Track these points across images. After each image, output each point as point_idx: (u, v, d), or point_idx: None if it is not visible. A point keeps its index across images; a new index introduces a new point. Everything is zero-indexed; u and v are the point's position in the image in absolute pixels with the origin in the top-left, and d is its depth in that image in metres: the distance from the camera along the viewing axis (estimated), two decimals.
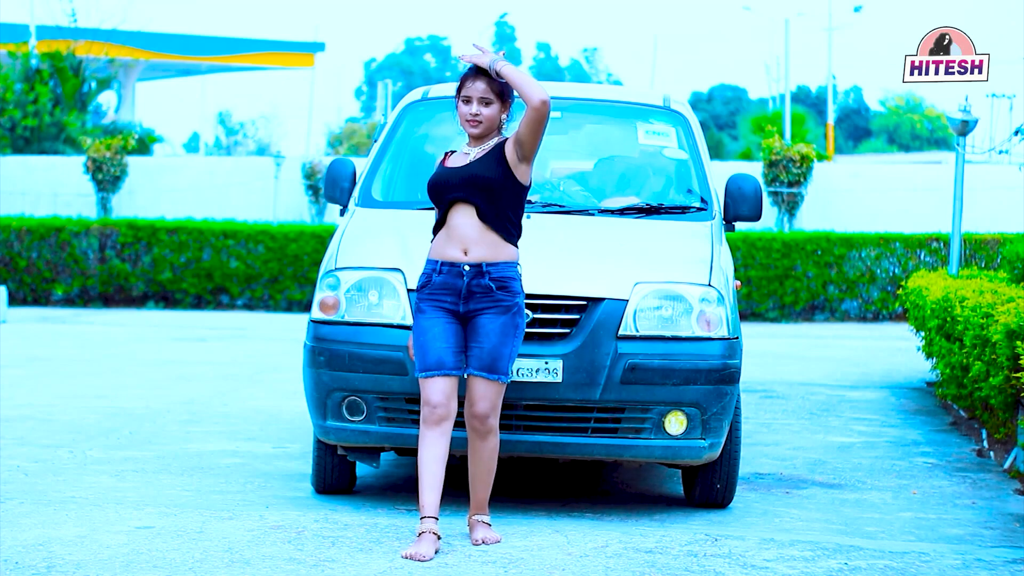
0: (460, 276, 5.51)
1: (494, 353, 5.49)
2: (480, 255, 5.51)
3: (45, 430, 8.43)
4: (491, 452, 5.58)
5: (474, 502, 5.64)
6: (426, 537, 5.34)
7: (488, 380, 5.49)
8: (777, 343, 16.11)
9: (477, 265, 5.50)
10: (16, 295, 20.49)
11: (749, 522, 6.18)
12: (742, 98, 71.22)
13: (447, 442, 5.45)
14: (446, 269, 5.52)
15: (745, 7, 53.16)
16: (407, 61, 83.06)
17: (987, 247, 18.84)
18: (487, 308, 5.51)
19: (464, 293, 5.51)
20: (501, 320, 5.50)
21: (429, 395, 5.46)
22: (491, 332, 5.49)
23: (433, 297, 5.54)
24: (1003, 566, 5.43)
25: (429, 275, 5.57)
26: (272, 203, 25.68)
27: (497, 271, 5.51)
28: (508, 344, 5.51)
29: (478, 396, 5.51)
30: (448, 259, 5.53)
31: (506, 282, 5.51)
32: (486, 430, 5.54)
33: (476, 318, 5.52)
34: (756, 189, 6.92)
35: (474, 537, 5.58)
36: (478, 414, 5.52)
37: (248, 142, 63.11)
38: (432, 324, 5.53)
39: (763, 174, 22.55)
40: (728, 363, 6.06)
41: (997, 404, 7.64)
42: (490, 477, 5.61)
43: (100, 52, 35.71)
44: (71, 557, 5.18)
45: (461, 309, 5.53)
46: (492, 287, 5.50)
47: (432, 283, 5.55)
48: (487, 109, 5.57)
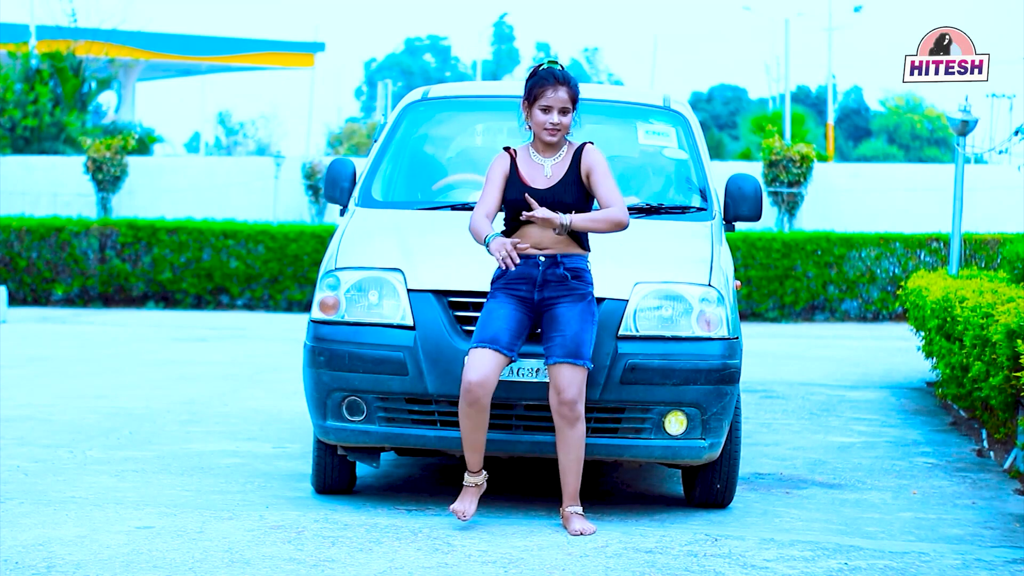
0: (536, 266, 5.70)
1: (577, 339, 5.64)
2: (555, 250, 5.72)
3: (45, 430, 8.43)
4: (579, 440, 5.70)
5: (566, 494, 5.76)
6: (470, 491, 5.77)
7: (575, 366, 5.63)
8: (777, 343, 16.11)
9: (552, 256, 5.70)
10: (16, 295, 20.50)
11: (749, 522, 6.18)
12: (742, 98, 71.23)
13: (486, 414, 5.65)
14: (522, 260, 5.67)
15: (745, 7, 53.21)
16: (407, 61, 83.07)
17: (987, 247, 18.85)
18: (563, 296, 5.70)
19: (540, 281, 5.69)
20: (579, 307, 5.69)
21: (468, 369, 5.61)
22: (572, 319, 5.66)
23: (508, 287, 5.72)
24: (1003, 566, 5.43)
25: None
26: (272, 203, 25.69)
27: (571, 262, 5.72)
28: (588, 330, 5.68)
29: (566, 382, 5.63)
30: (524, 254, 5.68)
31: (580, 272, 5.73)
32: (575, 416, 5.66)
33: (553, 308, 5.70)
34: (756, 189, 6.92)
35: (571, 529, 5.72)
36: (567, 400, 5.64)
37: (248, 142, 63.15)
38: (499, 307, 5.69)
39: (763, 174, 22.57)
40: (728, 363, 6.06)
41: (997, 404, 7.64)
42: (580, 466, 5.74)
43: (100, 52, 35.75)
44: (71, 557, 5.18)
45: (536, 297, 5.70)
46: (567, 276, 5.70)
47: (508, 274, 5.69)
48: (565, 118, 5.75)
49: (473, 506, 5.77)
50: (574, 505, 5.77)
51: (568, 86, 5.74)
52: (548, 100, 5.71)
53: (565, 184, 5.75)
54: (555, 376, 5.67)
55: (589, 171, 5.76)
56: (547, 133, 5.74)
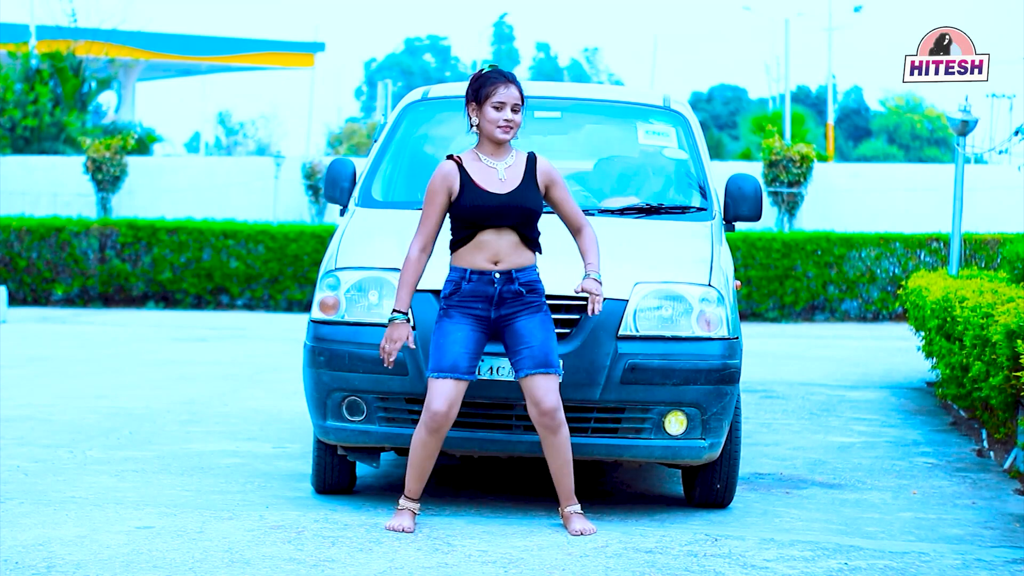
0: (491, 283, 5.67)
1: (544, 348, 5.65)
2: (510, 264, 5.69)
3: (45, 430, 8.43)
4: (565, 443, 5.71)
5: (562, 494, 5.77)
6: (406, 512, 5.73)
7: (547, 375, 5.63)
8: (777, 343, 16.11)
9: (507, 272, 5.68)
10: (16, 295, 20.50)
11: (749, 522, 6.18)
12: (742, 98, 71.22)
13: (440, 441, 5.68)
14: (475, 277, 5.67)
15: (745, 7, 53.20)
16: (407, 61, 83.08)
17: (987, 247, 18.85)
18: (520, 311, 5.69)
19: (496, 300, 5.67)
20: (538, 318, 5.70)
21: (432, 400, 5.59)
22: (535, 330, 5.67)
23: (463, 304, 5.68)
24: (1003, 566, 5.43)
25: (457, 283, 5.69)
26: (272, 203, 25.69)
27: (524, 276, 5.71)
28: (552, 339, 5.70)
29: (543, 392, 5.64)
30: (477, 268, 5.67)
31: (533, 285, 5.73)
32: (556, 424, 5.67)
33: (513, 323, 5.68)
34: (756, 189, 6.92)
35: (571, 529, 5.73)
36: (547, 410, 5.64)
37: (248, 142, 63.14)
38: (455, 328, 5.66)
39: (763, 174, 22.57)
40: (728, 363, 6.06)
41: (997, 404, 7.64)
42: (570, 467, 5.75)
43: (100, 52, 35.75)
44: (71, 557, 5.18)
45: (493, 315, 5.68)
46: (523, 292, 5.69)
47: (462, 291, 5.68)
48: (517, 116, 5.75)
49: (412, 523, 5.72)
50: (572, 504, 5.78)
51: (516, 85, 5.76)
52: (501, 97, 5.71)
53: (525, 190, 5.72)
54: (530, 388, 5.66)
55: (550, 184, 5.77)
56: (501, 131, 5.71)
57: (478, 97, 5.74)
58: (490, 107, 5.71)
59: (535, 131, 7.42)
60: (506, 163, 5.76)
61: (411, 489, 5.75)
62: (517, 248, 5.69)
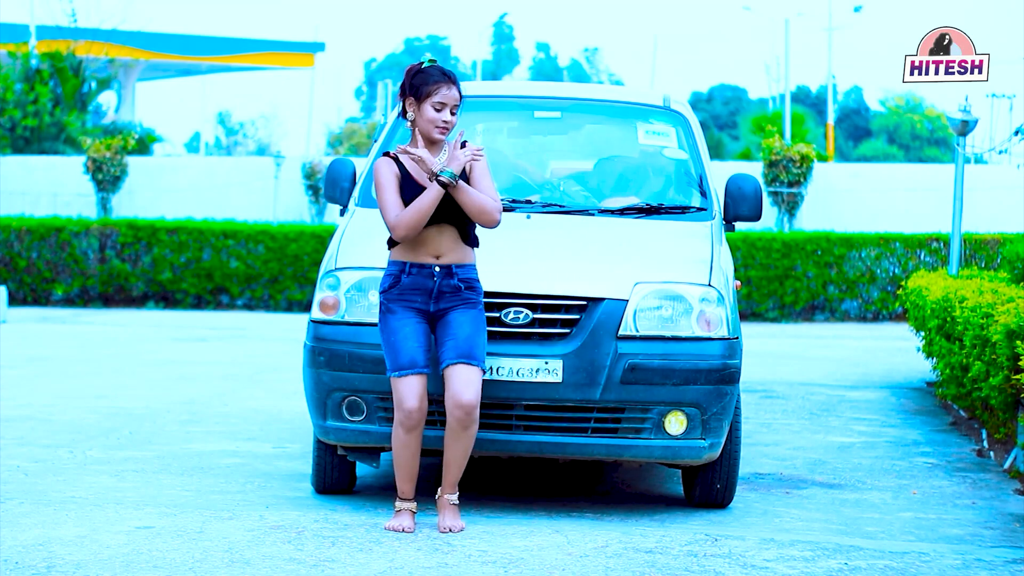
0: (431, 277, 5.69)
1: (470, 341, 5.65)
2: (450, 259, 5.70)
3: (45, 430, 8.43)
4: (471, 438, 5.69)
5: (447, 482, 5.73)
6: (404, 512, 5.72)
7: (469, 365, 5.61)
8: (777, 343, 16.11)
9: (447, 267, 5.69)
10: (16, 295, 20.50)
11: (749, 522, 6.18)
12: (742, 98, 71.22)
13: (420, 437, 5.68)
14: (415, 270, 5.69)
15: (745, 7, 53.19)
16: (407, 61, 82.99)
17: (987, 247, 18.85)
18: (456, 305, 5.70)
19: (435, 293, 5.68)
20: (472, 312, 5.71)
21: (403, 398, 5.61)
22: (464, 323, 5.67)
23: (403, 298, 5.70)
24: (1003, 566, 5.43)
25: (397, 276, 5.71)
26: (272, 203, 25.69)
27: (464, 272, 5.72)
28: (481, 334, 5.70)
29: (463, 383, 5.60)
30: (418, 261, 5.68)
31: (472, 282, 5.74)
32: (471, 421, 5.64)
33: (447, 315, 5.70)
34: (756, 189, 6.91)
35: (442, 522, 5.70)
36: (465, 404, 5.59)
37: (248, 142, 63.15)
38: (403, 324, 5.67)
39: (763, 174, 22.56)
40: (728, 363, 6.06)
41: (997, 404, 7.64)
42: (466, 460, 5.73)
43: (100, 52, 35.74)
44: (71, 557, 5.18)
45: (432, 308, 5.70)
46: (461, 287, 5.70)
47: (401, 284, 5.70)
48: (454, 117, 5.77)
49: (411, 522, 5.71)
50: (452, 494, 5.75)
51: (457, 86, 5.76)
52: (442, 98, 5.70)
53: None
54: (451, 378, 5.62)
55: (471, 167, 5.73)
56: (438, 131, 5.72)
57: (417, 93, 5.72)
58: (430, 106, 5.71)
59: (535, 131, 7.42)
60: (439, 158, 5.73)
61: (403, 490, 5.74)
62: (457, 244, 5.71)
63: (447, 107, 5.71)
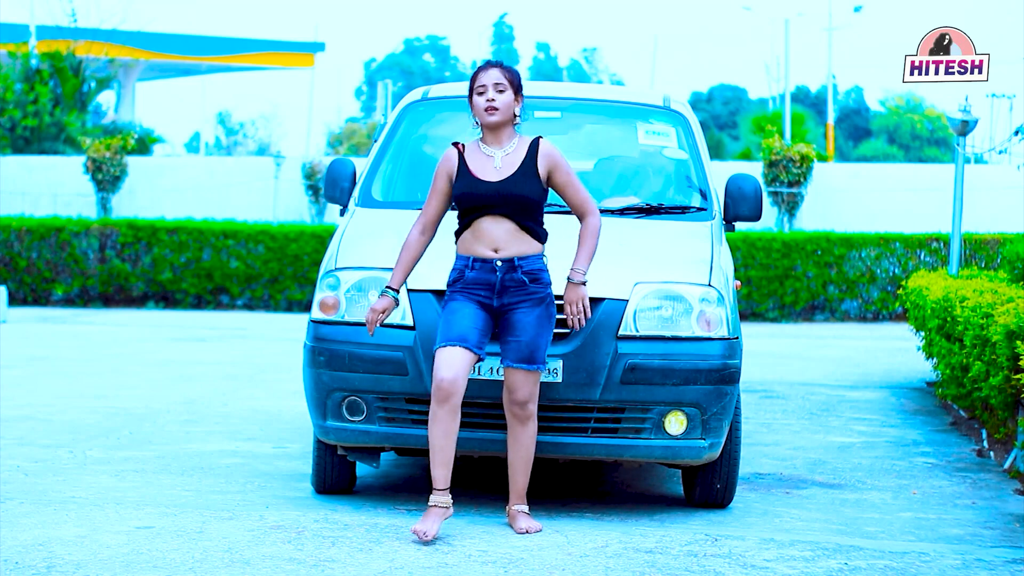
0: (493, 271, 5.65)
1: (532, 345, 5.64)
2: (511, 252, 5.66)
3: (45, 430, 8.43)
4: (531, 438, 5.70)
5: (513, 492, 5.75)
6: (434, 512, 5.54)
7: (527, 372, 5.64)
8: (777, 343, 16.11)
9: (509, 260, 5.65)
10: (16, 295, 20.50)
11: (749, 522, 6.18)
12: (742, 98, 71.20)
13: (457, 418, 5.55)
14: (478, 265, 5.66)
15: (745, 7, 53.16)
16: (407, 61, 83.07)
17: (987, 247, 18.84)
18: (521, 302, 5.66)
19: (499, 288, 5.65)
20: (536, 312, 5.66)
21: (439, 367, 5.53)
22: (528, 325, 5.64)
23: (467, 290, 5.68)
24: (1003, 566, 5.43)
25: (461, 271, 5.69)
26: (272, 203, 25.69)
27: (528, 264, 5.67)
28: (544, 335, 5.68)
29: (517, 384, 5.64)
30: (479, 256, 5.66)
31: (537, 274, 5.68)
32: (526, 415, 5.67)
33: (511, 313, 5.66)
34: (756, 189, 6.92)
35: (517, 527, 5.71)
36: (519, 400, 5.65)
37: (248, 142, 63.10)
38: (462, 306, 5.65)
39: (763, 174, 22.56)
40: (728, 363, 6.06)
41: (997, 404, 7.64)
42: (529, 465, 5.73)
43: (100, 52, 35.73)
44: (71, 557, 5.18)
45: (495, 303, 5.67)
46: (525, 280, 5.65)
47: (465, 278, 5.67)
48: (501, 96, 5.68)
49: (436, 527, 5.51)
50: (521, 504, 5.76)
51: (500, 68, 5.74)
52: (481, 80, 5.71)
53: (520, 177, 5.67)
54: (508, 378, 5.67)
55: (552, 170, 5.71)
56: (486, 113, 5.70)
57: (469, 91, 5.76)
58: (475, 95, 5.74)
59: (535, 131, 7.42)
60: (505, 151, 5.73)
61: (437, 478, 5.53)
62: (516, 236, 5.65)
63: (488, 87, 5.69)
